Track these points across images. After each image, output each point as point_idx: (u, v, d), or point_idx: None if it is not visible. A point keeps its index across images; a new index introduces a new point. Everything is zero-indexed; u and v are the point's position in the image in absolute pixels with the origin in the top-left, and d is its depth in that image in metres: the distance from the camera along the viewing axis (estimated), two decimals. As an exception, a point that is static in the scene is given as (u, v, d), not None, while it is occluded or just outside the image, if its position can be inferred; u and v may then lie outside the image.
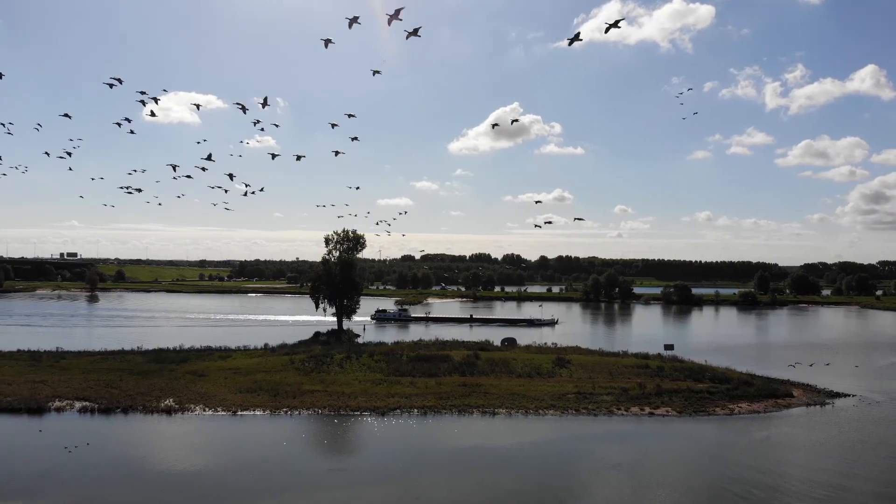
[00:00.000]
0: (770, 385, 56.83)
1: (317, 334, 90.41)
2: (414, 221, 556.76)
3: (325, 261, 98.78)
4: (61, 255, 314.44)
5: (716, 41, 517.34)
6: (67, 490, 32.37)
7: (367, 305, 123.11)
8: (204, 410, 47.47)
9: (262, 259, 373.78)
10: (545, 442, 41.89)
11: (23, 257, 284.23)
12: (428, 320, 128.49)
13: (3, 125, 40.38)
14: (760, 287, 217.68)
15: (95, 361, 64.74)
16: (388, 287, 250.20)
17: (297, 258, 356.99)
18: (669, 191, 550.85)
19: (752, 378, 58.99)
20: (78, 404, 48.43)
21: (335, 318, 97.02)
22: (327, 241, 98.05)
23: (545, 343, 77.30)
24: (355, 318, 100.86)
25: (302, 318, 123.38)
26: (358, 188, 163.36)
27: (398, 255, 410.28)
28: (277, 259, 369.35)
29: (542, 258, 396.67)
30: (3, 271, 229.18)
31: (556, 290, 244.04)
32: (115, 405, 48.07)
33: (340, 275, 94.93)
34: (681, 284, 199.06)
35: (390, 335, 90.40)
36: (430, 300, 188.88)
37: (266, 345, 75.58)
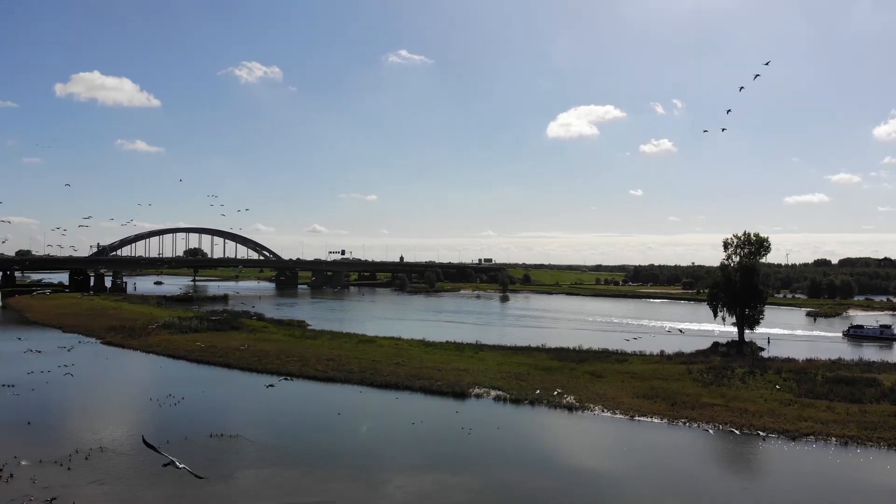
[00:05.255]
0: None
1: (715, 345, 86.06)
2: (829, 220, 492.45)
3: (723, 266, 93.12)
4: (479, 260, 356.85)
5: None
6: (477, 468, 36.56)
7: (771, 315, 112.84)
8: (602, 411, 49.09)
9: (655, 264, 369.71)
10: None
11: (450, 262, 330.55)
12: None
13: None
14: None
15: (507, 355, 71.98)
16: (797, 296, 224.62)
17: (693, 263, 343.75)
18: None
19: None
20: (493, 392, 54.45)
21: (735, 329, 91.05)
22: (726, 244, 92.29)
23: None
24: (758, 329, 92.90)
25: (697, 326, 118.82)
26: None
27: (809, 260, 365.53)
28: (672, 264, 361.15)
29: None
30: (436, 274, 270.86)
31: None
32: (523, 397, 52.81)
33: (741, 281, 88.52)
34: None
35: (798, 350, 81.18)
36: (850, 312, 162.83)
37: (662, 351, 74.74)
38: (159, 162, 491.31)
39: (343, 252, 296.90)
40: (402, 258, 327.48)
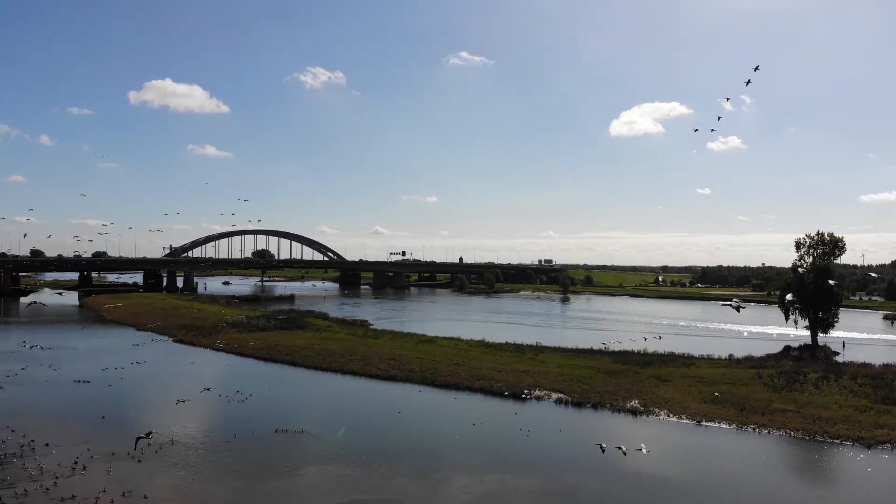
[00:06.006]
0: None
1: (787, 348, 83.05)
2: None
3: (795, 267, 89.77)
4: (539, 261, 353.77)
5: None
6: (540, 470, 36.30)
7: (846, 319, 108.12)
8: (668, 416, 48.04)
9: (724, 265, 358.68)
10: None
11: (509, 263, 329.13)
12: None
13: None
14: None
15: (568, 357, 71.12)
16: (873, 298, 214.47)
17: (763, 264, 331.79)
18: None
19: None
20: (554, 395, 53.95)
21: (808, 332, 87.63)
22: (798, 245, 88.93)
23: None
24: (834, 332, 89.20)
25: (767, 329, 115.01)
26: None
27: (887, 261, 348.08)
28: (741, 265, 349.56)
29: None
30: (495, 275, 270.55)
31: None
32: (585, 400, 52.12)
33: (813, 283, 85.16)
34: None
35: (875, 355, 77.39)
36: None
37: (731, 355, 72.53)
38: (228, 166, 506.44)
39: (403, 253, 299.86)
40: (461, 259, 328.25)
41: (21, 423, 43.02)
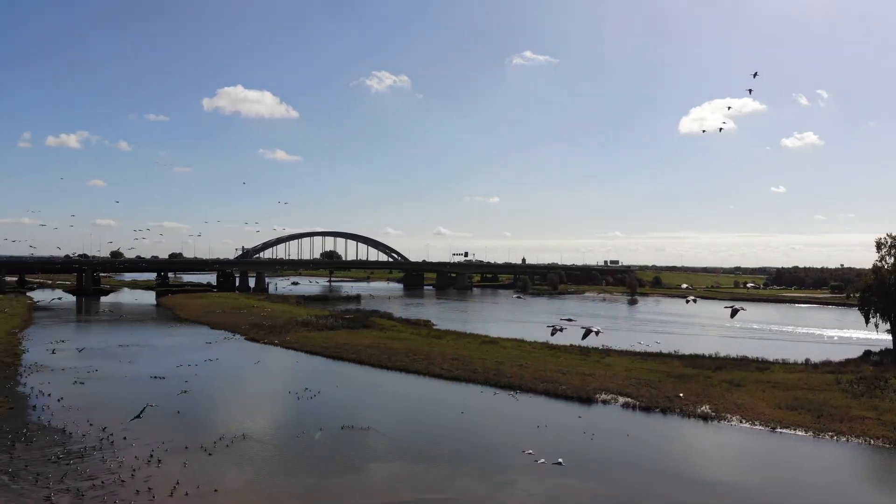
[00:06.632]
0: None
1: (867, 353, 79.21)
2: None
3: (876, 268, 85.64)
4: (605, 262, 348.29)
5: None
6: (606, 475, 35.75)
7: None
8: (741, 422, 46.55)
9: (800, 266, 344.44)
10: None
11: (574, 264, 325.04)
12: None
13: None
14: None
15: (636, 361, 69.79)
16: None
17: (842, 265, 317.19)
18: None
19: None
20: (621, 399, 53.01)
21: (890, 336, 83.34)
22: (879, 245, 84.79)
23: None
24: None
25: (847, 332, 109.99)
26: None
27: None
28: (818, 266, 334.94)
29: None
30: (559, 276, 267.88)
31: None
32: (654, 404, 51.04)
33: (895, 285, 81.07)
34: None
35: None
36: None
37: (807, 360, 69.74)
38: (297, 169, 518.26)
39: (466, 254, 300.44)
40: (524, 260, 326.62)
41: (100, 417, 45.09)
